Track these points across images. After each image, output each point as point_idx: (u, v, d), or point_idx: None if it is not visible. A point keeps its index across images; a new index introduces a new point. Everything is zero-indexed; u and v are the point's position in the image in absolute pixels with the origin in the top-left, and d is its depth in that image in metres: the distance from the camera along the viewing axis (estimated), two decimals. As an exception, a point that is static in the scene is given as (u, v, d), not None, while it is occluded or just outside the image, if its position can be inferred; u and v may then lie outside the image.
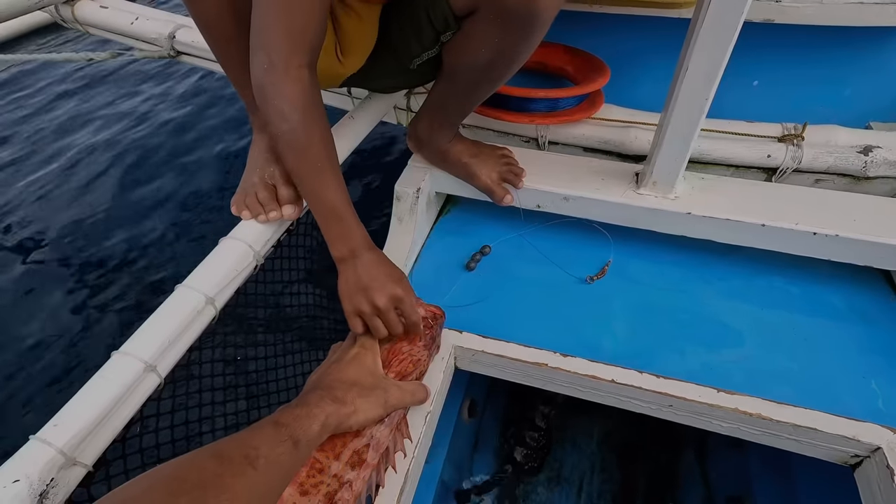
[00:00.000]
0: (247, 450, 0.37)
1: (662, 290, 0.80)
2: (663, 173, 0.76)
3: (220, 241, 0.62)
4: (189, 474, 0.33)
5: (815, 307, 0.77)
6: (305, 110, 0.55)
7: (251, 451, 0.37)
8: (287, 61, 0.53)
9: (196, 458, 0.35)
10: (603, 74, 0.91)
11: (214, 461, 0.35)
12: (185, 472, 0.33)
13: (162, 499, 0.30)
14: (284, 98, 0.54)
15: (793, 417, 0.60)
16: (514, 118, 0.89)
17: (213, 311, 0.57)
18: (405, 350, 0.62)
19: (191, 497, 0.31)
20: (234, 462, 0.36)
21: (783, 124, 0.88)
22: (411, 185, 0.83)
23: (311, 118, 0.56)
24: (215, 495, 0.32)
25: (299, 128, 0.55)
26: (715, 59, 0.62)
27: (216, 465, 0.35)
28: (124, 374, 0.48)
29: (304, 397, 0.48)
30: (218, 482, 0.33)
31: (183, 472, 0.33)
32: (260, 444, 0.38)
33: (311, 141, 0.56)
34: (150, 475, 0.33)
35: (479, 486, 1.06)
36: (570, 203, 0.81)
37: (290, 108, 0.54)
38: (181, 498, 0.31)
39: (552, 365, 0.67)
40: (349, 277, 0.59)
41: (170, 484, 0.32)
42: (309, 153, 0.56)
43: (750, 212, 0.74)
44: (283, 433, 0.41)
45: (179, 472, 0.33)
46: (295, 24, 0.53)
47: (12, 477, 0.39)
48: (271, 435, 0.40)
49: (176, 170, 1.99)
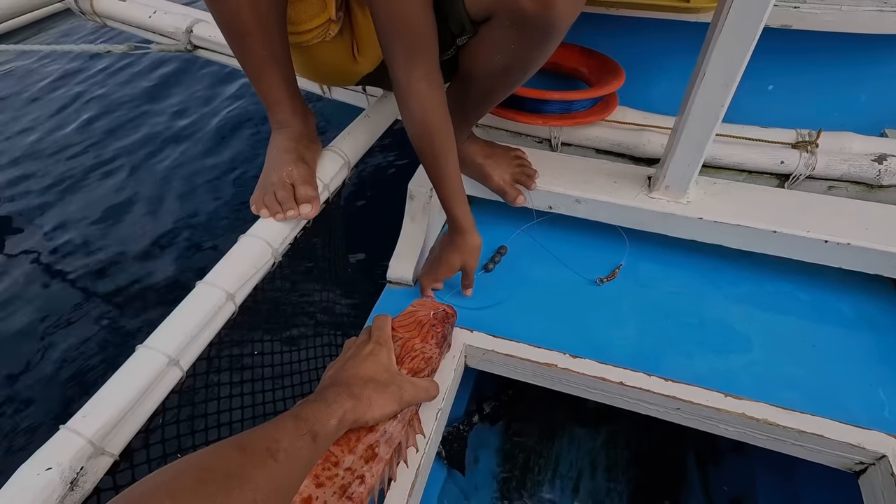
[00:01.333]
0: (268, 442, 0.39)
1: (672, 294, 0.81)
2: (676, 177, 0.76)
3: (239, 238, 0.64)
4: (216, 464, 0.35)
5: (823, 314, 0.77)
6: (424, 123, 0.64)
7: (272, 443, 0.39)
8: (407, 77, 0.61)
9: (221, 450, 0.37)
10: (618, 77, 0.91)
11: (238, 452, 0.37)
12: (212, 462, 0.35)
13: (191, 485, 0.32)
14: (408, 111, 0.64)
15: (799, 423, 0.61)
16: (528, 119, 0.89)
17: (232, 307, 0.58)
18: (417, 348, 0.63)
19: (218, 486, 0.33)
20: (257, 454, 0.37)
21: (797, 130, 0.88)
22: (425, 184, 0.84)
23: (433, 126, 0.65)
24: (239, 485, 0.34)
25: (424, 135, 0.65)
26: (733, 66, 0.62)
27: (240, 457, 0.36)
28: (149, 368, 0.50)
29: (322, 392, 0.49)
30: (242, 473, 0.35)
31: (210, 461, 0.35)
32: (281, 438, 0.40)
33: (431, 146, 0.66)
34: (179, 464, 0.35)
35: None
36: (583, 205, 0.82)
37: (410, 122, 0.65)
38: (209, 486, 0.32)
39: (562, 366, 0.68)
40: (457, 243, 0.74)
41: (199, 473, 0.34)
42: (429, 157, 0.67)
43: (762, 218, 0.75)
44: (303, 427, 0.42)
45: (207, 461, 0.35)
46: (407, 44, 0.59)
47: (45, 465, 0.41)
48: (291, 429, 0.42)
49: (194, 165, 2.01)
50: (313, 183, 0.71)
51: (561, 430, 1.16)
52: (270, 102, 0.71)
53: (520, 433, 1.18)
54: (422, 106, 0.63)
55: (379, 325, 0.61)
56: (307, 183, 0.69)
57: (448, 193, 0.70)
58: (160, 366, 0.50)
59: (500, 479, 1.11)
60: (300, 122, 0.73)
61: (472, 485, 1.07)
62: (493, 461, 1.14)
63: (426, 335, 0.64)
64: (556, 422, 1.17)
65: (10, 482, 0.40)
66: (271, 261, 0.64)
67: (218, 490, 0.32)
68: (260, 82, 0.69)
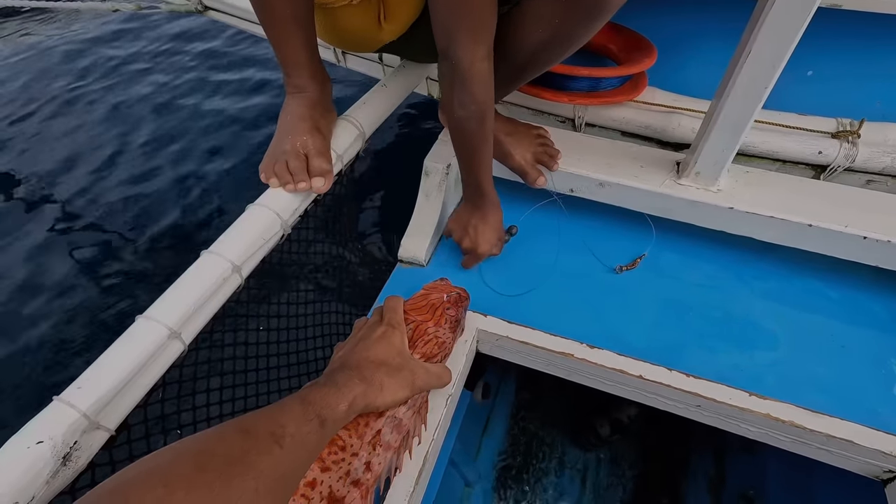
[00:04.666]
0: (273, 427, 0.36)
1: (695, 286, 0.77)
2: (708, 164, 0.72)
3: (247, 207, 0.60)
4: (216, 448, 0.32)
5: (854, 314, 0.73)
6: (484, 104, 0.60)
7: (278, 428, 0.36)
8: (472, 57, 0.57)
9: (223, 433, 0.34)
10: (649, 55, 0.86)
11: (241, 437, 0.34)
12: (213, 446, 0.33)
13: (188, 471, 0.29)
14: (469, 93, 0.59)
15: (827, 427, 0.58)
16: (553, 97, 0.85)
17: (238, 280, 0.55)
18: (430, 332, 0.60)
19: (217, 473, 0.30)
20: (261, 439, 0.34)
21: (838, 119, 0.83)
22: (441, 161, 0.80)
23: (490, 108, 0.62)
24: (241, 472, 0.31)
25: (479, 117, 0.61)
26: (782, 45, 0.57)
27: (243, 441, 0.33)
28: (148, 340, 0.47)
29: (331, 376, 0.46)
30: (244, 459, 0.32)
31: (210, 445, 0.32)
32: (287, 422, 0.37)
33: (483, 128, 0.63)
34: (176, 446, 0.32)
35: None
36: (606, 189, 0.78)
37: (470, 103, 0.60)
38: (207, 473, 0.30)
39: (578, 356, 0.65)
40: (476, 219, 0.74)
41: (197, 457, 0.31)
42: (478, 139, 0.64)
43: (797, 210, 0.70)
44: (310, 412, 0.40)
45: (206, 445, 0.32)
46: (473, 22, 0.55)
47: (36, 438, 0.39)
48: (298, 413, 0.39)
49: (200, 132, 1.97)
50: (328, 155, 0.67)
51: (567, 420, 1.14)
52: (289, 64, 0.67)
53: (526, 419, 1.17)
54: (485, 87, 0.59)
55: (391, 307, 0.58)
56: (322, 155, 0.65)
57: (487, 171, 0.69)
58: (161, 338, 0.47)
59: (502, 466, 1.10)
60: (318, 87, 0.69)
61: (475, 472, 1.05)
62: (497, 447, 1.12)
63: (439, 318, 0.61)
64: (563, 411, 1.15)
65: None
66: (280, 233, 0.61)
67: (217, 477, 0.30)
68: (280, 43, 0.65)
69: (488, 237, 0.74)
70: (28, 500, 0.38)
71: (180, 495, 0.27)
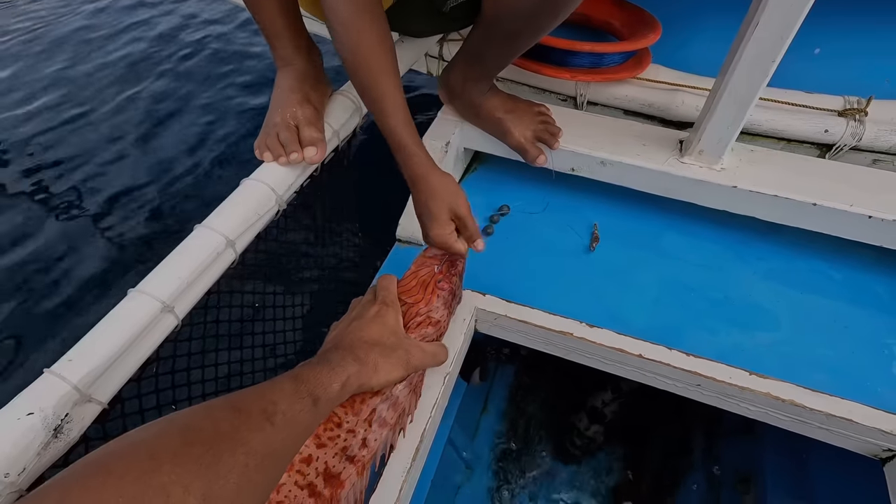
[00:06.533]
0: (265, 404, 0.35)
1: (696, 266, 0.76)
2: (712, 141, 0.71)
3: (241, 181, 0.59)
4: (204, 424, 0.31)
5: (857, 295, 0.73)
6: (359, 13, 0.52)
7: (269, 405, 0.35)
8: None
9: (212, 408, 0.33)
10: (653, 30, 0.84)
11: (232, 413, 0.33)
12: (201, 421, 0.31)
13: (175, 446, 0.28)
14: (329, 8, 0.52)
15: (827, 406, 0.58)
16: (555, 73, 0.83)
17: (232, 255, 0.54)
18: (423, 312, 0.58)
19: (206, 447, 0.29)
20: (252, 416, 0.34)
21: (845, 97, 0.81)
22: (440, 139, 0.79)
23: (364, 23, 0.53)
24: (231, 448, 0.30)
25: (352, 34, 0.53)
26: (791, 14, 0.56)
27: (233, 418, 0.33)
28: (140, 313, 0.46)
29: (325, 355, 0.46)
30: (234, 435, 0.31)
31: (198, 421, 0.31)
32: (279, 400, 0.36)
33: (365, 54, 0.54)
34: (163, 421, 0.31)
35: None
36: (608, 168, 0.77)
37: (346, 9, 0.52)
38: (195, 447, 0.29)
39: (577, 335, 0.64)
40: (417, 200, 0.60)
41: (184, 432, 0.30)
42: (361, 70, 0.55)
43: (802, 189, 0.69)
44: (303, 390, 0.39)
45: (195, 420, 0.31)
46: None
47: (26, 409, 0.38)
48: (291, 391, 0.38)
49: (196, 106, 1.94)
50: (319, 125, 0.66)
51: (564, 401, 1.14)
52: (270, 35, 0.65)
53: (524, 400, 1.17)
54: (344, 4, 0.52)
55: (384, 286, 0.57)
56: (312, 125, 0.64)
57: (401, 122, 0.57)
58: (153, 311, 0.47)
59: (500, 449, 1.10)
60: (304, 58, 0.67)
61: (473, 454, 1.06)
62: (496, 428, 1.13)
63: (430, 297, 0.59)
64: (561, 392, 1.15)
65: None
66: (275, 208, 0.60)
67: (205, 452, 0.29)
68: (256, 11, 0.63)
69: (438, 214, 0.59)
70: (19, 470, 0.37)
71: (167, 468, 0.27)
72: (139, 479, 0.25)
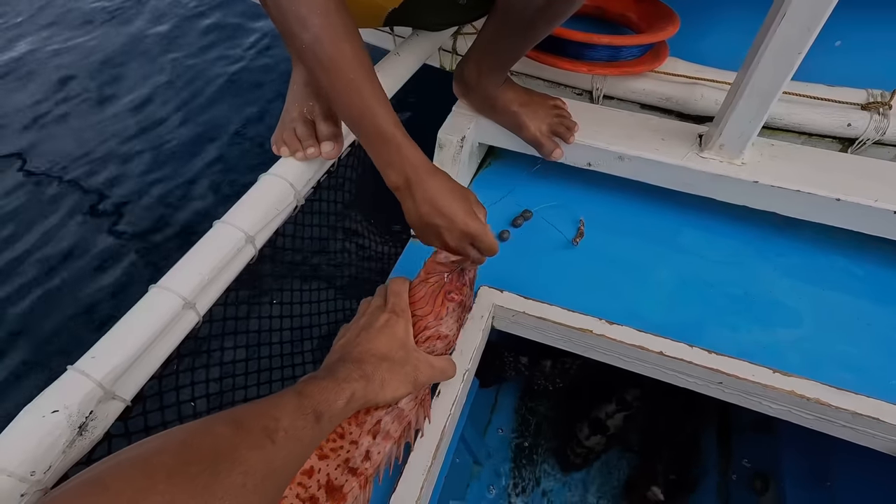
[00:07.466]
0: (266, 421, 0.34)
1: (716, 263, 0.75)
2: (733, 136, 0.70)
3: (259, 177, 0.59)
4: (203, 441, 0.30)
5: (880, 292, 0.72)
6: (328, 13, 0.46)
7: (271, 422, 0.34)
8: None
9: (211, 425, 0.32)
10: (671, 23, 0.83)
11: (231, 430, 0.32)
12: (199, 438, 0.31)
13: (172, 464, 0.28)
14: (302, 2, 0.45)
15: (854, 405, 0.57)
16: (571, 66, 0.82)
17: (252, 251, 0.54)
18: (432, 326, 0.56)
19: (203, 466, 0.28)
20: (252, 433, 0.33)
21: (868, 90, 0.80)
22: (455, 133, 0.78)
23: (336, 22, 0.46)
24: (229, 467, 0.29)
25: (323, 34, 0.46)
26: (820, 4, 0.54)
27: (232, 435, 0.32)
28: (162, 310, 0.46)
29: (330, 368, 0.45)
30: (233, 453, 0.30)
31: (196, 438, 0.31)
32: (281, 416, 0.35)
33: (341, 50, 0.47)
34: (160, 437, 0.31)
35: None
36: (625, 163, 0.76)
37: (309, 12, 0.45)
38: (192, 466, 0.28)
39: (597, 332, 0.64)
40: (410, 211, 0.51)
41: (182, 449, 0.29)
42: (339, 64, 0.47)
43: (824, 184, 0.68)
44: (307, 405, 0.38)
45: (193, 437, 0.31)
46: None
47: (51, 407, 0.38)
48: (294, 406, 0.37)
49: (216, 103, 1.93)
50: (336, 118, 0.65)
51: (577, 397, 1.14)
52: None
53: (536, 399, 1.16)
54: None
55: (396, 291, 0.55)
56: (329, 118, 0.63)
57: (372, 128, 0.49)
58: (175, 308, 0.46)
59: (514, 445, 1.10)
60: None
61: (484, 451, 1.05)
62: (507, 425, 1.12)
63: (440, 310, 0.57)
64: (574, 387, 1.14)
65: (13, 425, 0.37)
66: (293, 203, 0.59)
67: (202, 471, 0.28)
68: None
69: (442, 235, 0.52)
70: (45, 468, 0.37)
71: (162, 487, 0.26)
72: (132, 500, 0.25)
